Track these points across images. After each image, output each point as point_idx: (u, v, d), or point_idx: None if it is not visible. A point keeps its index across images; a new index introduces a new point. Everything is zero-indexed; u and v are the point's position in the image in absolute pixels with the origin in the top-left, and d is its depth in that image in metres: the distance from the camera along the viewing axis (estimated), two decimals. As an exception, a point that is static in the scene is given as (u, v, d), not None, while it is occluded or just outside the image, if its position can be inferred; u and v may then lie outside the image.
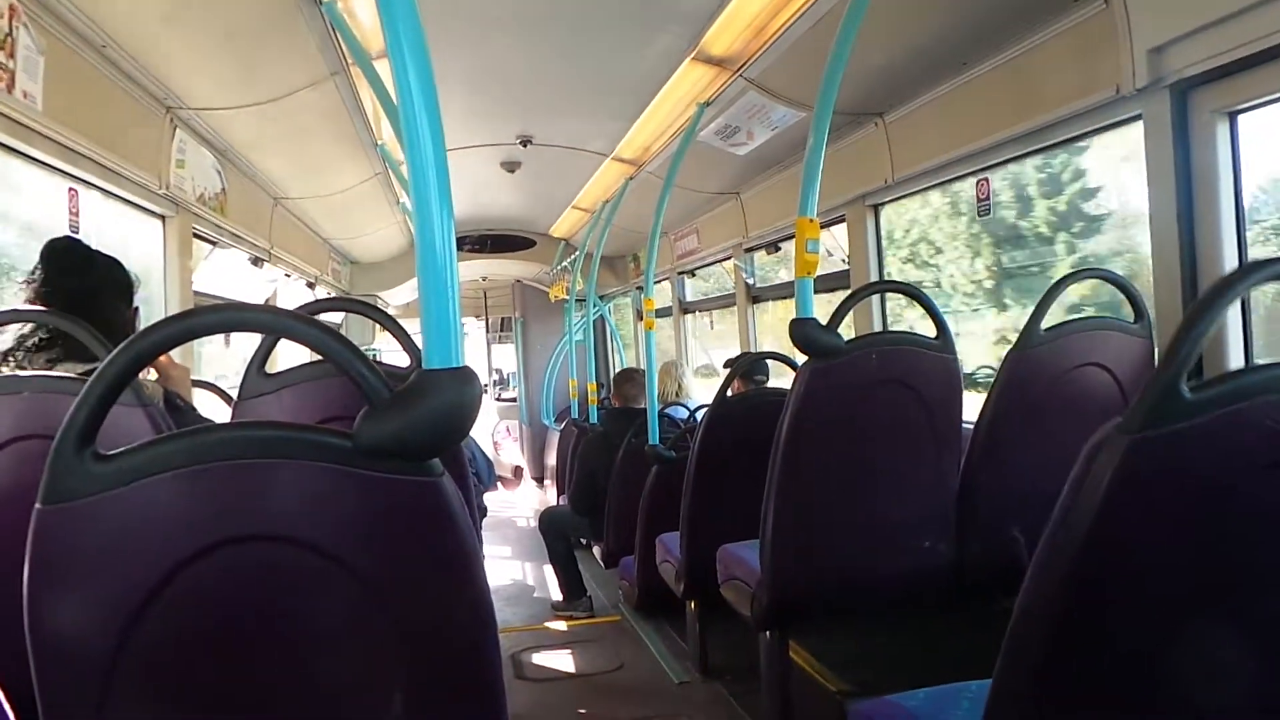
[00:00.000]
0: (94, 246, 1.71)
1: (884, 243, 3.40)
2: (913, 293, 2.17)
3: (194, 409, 1.75)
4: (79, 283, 1.60)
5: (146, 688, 0.83)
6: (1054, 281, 1.98)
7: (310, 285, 5.14)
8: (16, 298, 1.62)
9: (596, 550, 4.50)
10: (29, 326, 1.52)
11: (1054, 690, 0.97)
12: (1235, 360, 1.90)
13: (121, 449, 0.80)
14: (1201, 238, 1.90)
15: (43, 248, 1.62)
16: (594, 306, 6.67)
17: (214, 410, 2.24)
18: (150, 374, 1.72)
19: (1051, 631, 0.95)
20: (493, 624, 0.93)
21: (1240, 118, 1.87)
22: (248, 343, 1.83)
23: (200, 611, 0.83)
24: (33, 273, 1.59)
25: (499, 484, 8.89)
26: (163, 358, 1.74)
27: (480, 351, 10.01)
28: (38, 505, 0.78)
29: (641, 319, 4.22)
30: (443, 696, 0.90)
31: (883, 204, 3.32)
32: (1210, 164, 1.88)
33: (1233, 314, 1.88)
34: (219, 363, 4.04)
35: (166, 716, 0.85)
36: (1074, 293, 2.34)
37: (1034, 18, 2.24)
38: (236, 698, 0.86)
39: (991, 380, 2.02)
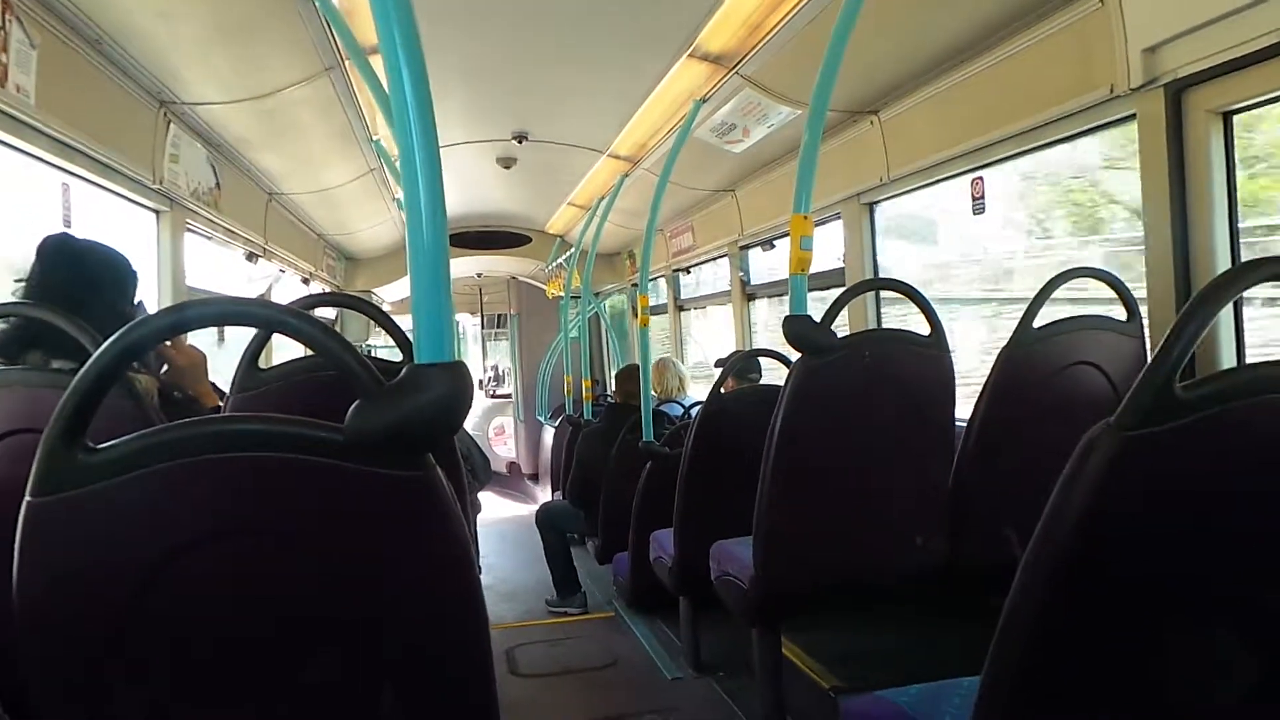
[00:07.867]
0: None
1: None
2: (906, 290, 2.16)
3: (199, 400, 1.75)
4: (70, 277, 1.60)
5: (136, 681, 0.82)
6: (1047, 280, 1.98)
7: (305, 281, 5.13)
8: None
9: (591, 546, 4.50)
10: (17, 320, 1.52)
11: (1043, 687, 0.97)
12: (1227, 359, 1.90)
13: (111, 442, 0.80)
14: (1195, 237, 1.91)
15: (38, 245, 1.63)
16: (589, 303, 6.67)
17: None
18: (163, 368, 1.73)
19: (1041, 628, 0.95)
20: (485, 619, 0.93)
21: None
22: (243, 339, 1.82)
23: (189, 605, 0.82)
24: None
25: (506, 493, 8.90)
26: (170, 348, 1.75)
27: (476, 347, 10.02)
28: (27, 498, 0.78)
29: (637, 315, 4.22)
30: (434, 691, 0.90)
31: (877, 202, 3.33)
32: (1204, 164, 1.88)
33: (1225, 313, 1.89)
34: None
35: (157, 709, 0.84)
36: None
37: (1029, 17, 2.24)
38: (227, 691, 0.86)
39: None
